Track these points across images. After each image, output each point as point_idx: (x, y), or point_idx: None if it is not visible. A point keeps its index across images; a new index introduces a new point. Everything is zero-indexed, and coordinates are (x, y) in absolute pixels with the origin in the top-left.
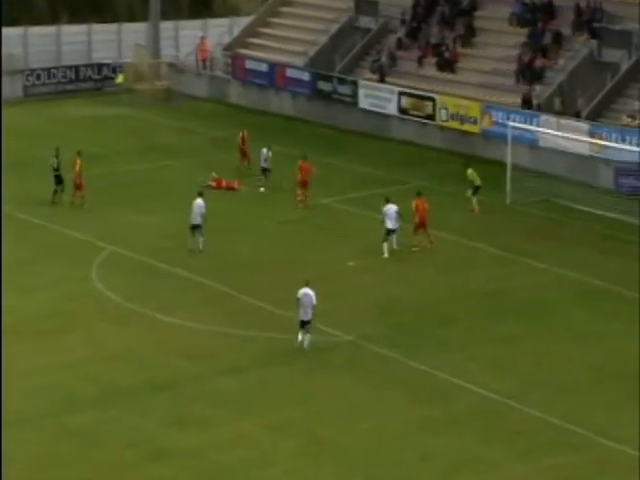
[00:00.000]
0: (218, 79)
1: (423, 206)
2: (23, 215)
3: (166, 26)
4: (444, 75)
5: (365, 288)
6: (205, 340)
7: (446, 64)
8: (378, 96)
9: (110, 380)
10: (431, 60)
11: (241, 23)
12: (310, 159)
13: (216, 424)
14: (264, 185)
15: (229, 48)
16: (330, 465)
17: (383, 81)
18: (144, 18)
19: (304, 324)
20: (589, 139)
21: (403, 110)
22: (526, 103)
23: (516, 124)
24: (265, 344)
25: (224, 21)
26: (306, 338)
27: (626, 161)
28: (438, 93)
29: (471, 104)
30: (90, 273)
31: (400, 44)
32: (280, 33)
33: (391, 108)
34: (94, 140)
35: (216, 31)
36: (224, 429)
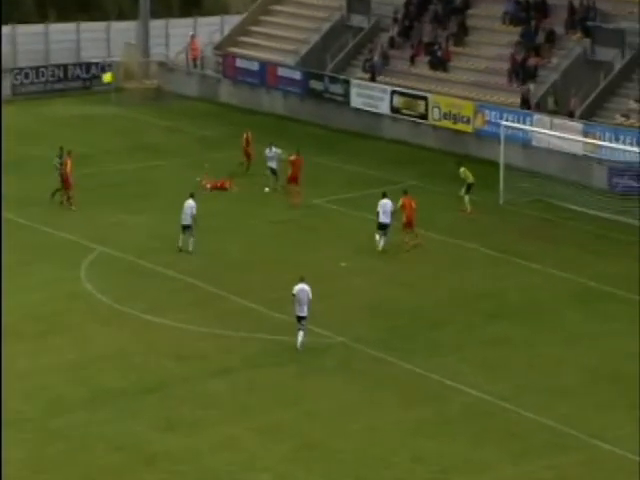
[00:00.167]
0: (209, 78)
1: (410, 204)
2: (10, 215)
3: (156, 24)
4: (437, 74)
5: (357, 289)
6: (195, 341)
7: (439, 63)
8: (370, 95)
9: (99, 382)
10: (424, 59)
11: (232, 21)
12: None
13: (206, 426)
14: (271, 186)
15: (220, 47)
16: (321, 467)
17: (375, 80)
18: (134, 16)
19: (300, 319)
20: (583, 138)
21: (395, 109)
22: (524, 102)
23: (509, 123)
24: (256, 345)
25: (215, 19)
26: (300, 335)
27: (620, 161)
28: (431, 92)
29: (464, 103)
30: (79, 274)
31: (392, 43)
32: (271, 31)
33: (383, 107)
34: (83, 139)
35: (206, 29)
36: (214, 431)
